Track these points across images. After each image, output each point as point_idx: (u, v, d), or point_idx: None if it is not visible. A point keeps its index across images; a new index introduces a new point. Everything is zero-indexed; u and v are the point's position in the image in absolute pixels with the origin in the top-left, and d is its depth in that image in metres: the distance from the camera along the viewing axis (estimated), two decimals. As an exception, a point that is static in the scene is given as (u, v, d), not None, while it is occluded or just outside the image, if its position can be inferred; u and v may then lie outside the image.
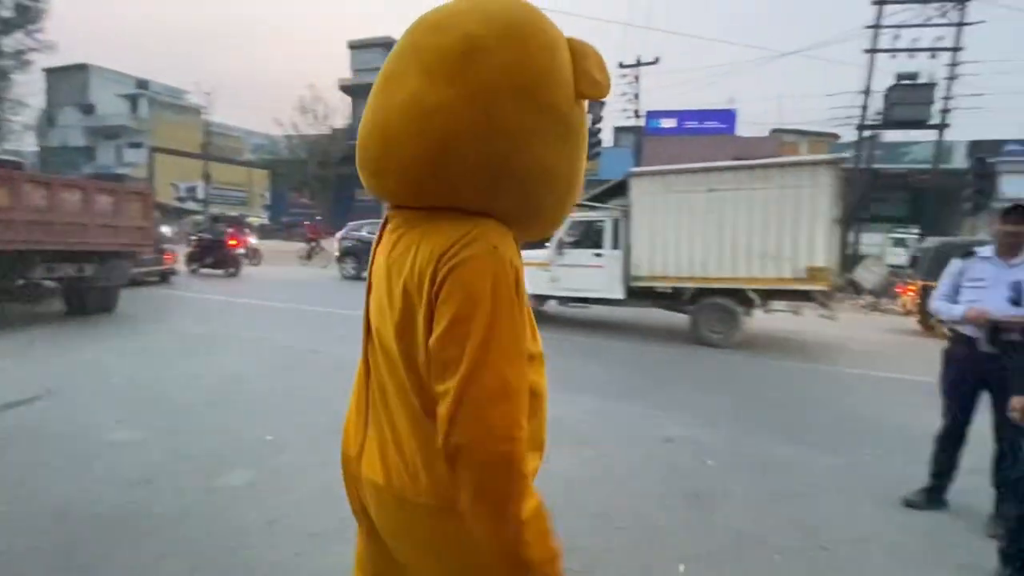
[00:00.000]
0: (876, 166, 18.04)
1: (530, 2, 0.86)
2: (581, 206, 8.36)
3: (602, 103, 16.06)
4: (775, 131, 24.46)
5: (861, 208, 17.21)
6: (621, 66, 20.39)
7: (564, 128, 0.86)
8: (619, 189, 8.19)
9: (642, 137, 21.31)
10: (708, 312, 7.39)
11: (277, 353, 5.82)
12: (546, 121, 0.83)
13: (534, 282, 7.93)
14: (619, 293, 7.95)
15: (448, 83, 0.78)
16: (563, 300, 8.69)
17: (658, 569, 2.33)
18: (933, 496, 3.03)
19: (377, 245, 0.95)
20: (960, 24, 15.61)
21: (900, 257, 17.33)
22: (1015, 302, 2.69)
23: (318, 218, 20.54)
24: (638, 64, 20.06)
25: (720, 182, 7.30)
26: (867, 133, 17.36)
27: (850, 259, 16.04)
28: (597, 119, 16.01)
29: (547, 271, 8.16)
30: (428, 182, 0.82)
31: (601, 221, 8.06)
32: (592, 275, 7.99)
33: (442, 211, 0.84)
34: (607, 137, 25.91)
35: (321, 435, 3.52)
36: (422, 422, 0.85)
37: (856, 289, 13.88)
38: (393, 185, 0.87)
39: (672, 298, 7.84)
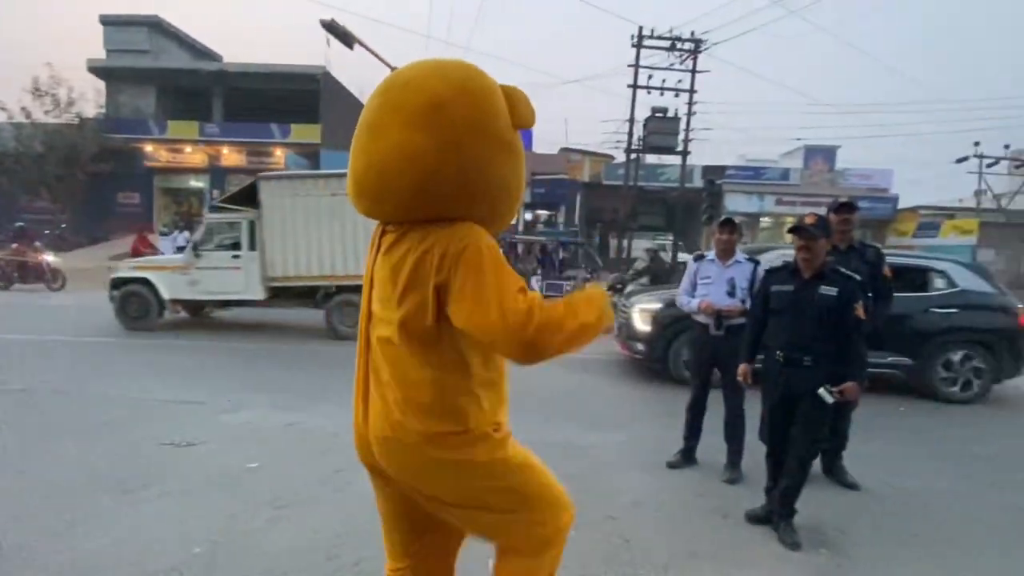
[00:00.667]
0: (641, 184, 21.37)
1: (471, 63, 1.19)
2: (217, 208, 8.39)
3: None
4: (563, 149, 27.31)
5: (631, 219, 20.23)
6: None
7: (510, 150, 1.18)
8: (251, 192, 8.08)
9: (447, 148, 21.86)
10: (341, 308, 7.88)
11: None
12: (497, 147, 1.15)
13: (172, 286, 7.87)
14: (260, 294, 8.01)
15: (425, 132, 1.09)
16: (217, 304, 8.61)
17: (470, 569, 2.41)
18: (687, 456, 3.70)
19: (377, 252, 1.23)
20: (693, 71, 19.41)
21: (662, 260, 20.76)
22: (730, 294, 3.46)
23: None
24: (440, 77, 20.55)
25: (340, 187, 7.59)
26: (632, 156, 20.47)
27: (625, 262, 18.64)
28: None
29: (186, 274, 7.95)
30: (419, 204, 1.13)
31: (237, 223, 8.03)
32: (231, 277, 7.94)
33: (433, 221, 1.14)
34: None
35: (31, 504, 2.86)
36: (427, 373, 1.16)
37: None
38: (391, 209, 1.18)
39: (309, 296, 8.17)
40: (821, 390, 2.64)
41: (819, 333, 2.70)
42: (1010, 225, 22.41)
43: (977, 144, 23.24)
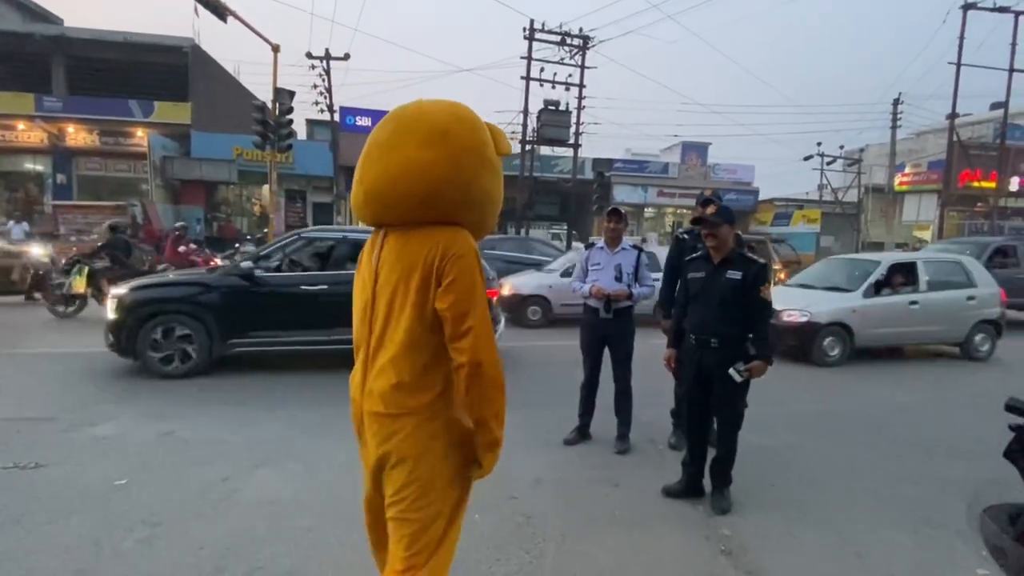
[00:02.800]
0: (536, 175, 21.94)
1: (464, 103, 1.49)
2: None
3: (292, 93, 15.06)
4: (460, 138, 27.16)
5: (527, 208, 20.72)
6: (309, 56, 19.47)
7: (495, 171, 1.48)
8: None
9: (338, 133, 20.87)
10: None
11: None
12: (487, 168, 1.44)
13: None
14: None
15: (435, 151, 1.35)
16: None
17: (373, 564, 2.39)
18: (582, 432, 3.92)
19: (380, 250, 1.46)
20: (582, 66, 20.20)
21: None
22: (618, 279, 3.69)
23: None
24: (327, 57, 19.49)
25: None
26: (527, 147, 20.92)
27: (523, 251, 19.03)
28: (287, 110, 14.91)
29: None
30: (426, 209, 1.39)
31: None
32: None
33: (431, 224, 1.41)
34: (300, 130, 24.48)
35: None
36: (421, 356, 1.39)
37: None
38: (399, 213, 1.41)
39: None
40: (731, 370, 2.79)
41: (724, 316, 2.85)
42: (844, 215, 26.13)
43: (819, 144, 26.69)
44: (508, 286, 8.98)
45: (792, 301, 7.04)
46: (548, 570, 2.40)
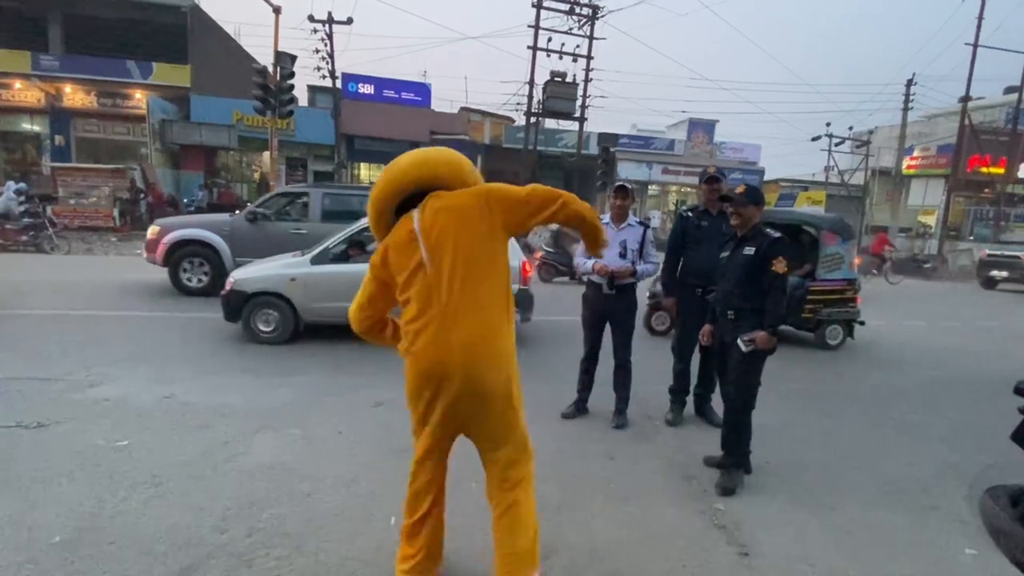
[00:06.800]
0: (540, 148, 21.65)
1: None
2: None
3: (293, 58, 14.71)
4: (463, 109, 26.76)
5: (530, 183, 20.51)
6: (311, 20, 19.01)
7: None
8: None
9: (340, 100, 20.52)
10: None
11: None
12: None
13: None
14: None
15: (448, 156, 1.98)
16: None
17: (370, 528, 2.43)
18: (580, 407, 3.94)
19: (421, 215, 1.88)
20: (591, 37, 19.74)
21: (555, 225, 21.32)
22: (622, 256, 3.66)
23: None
24: (330, 21, 19.03)
25: None
26: (532, 120, 20.59)
27: (525, 226, 18.91)
28: (288, 75, 14.59)
29: None
30: (442, 176, 1.93)
31: None
32: None
33: (445, 190, 1.92)
34: (302, 96, 24.05)
35: None
36: (497, 294, 1.88)
37: (530, 250, 16.64)
38: (425, 172, 1.92)
39: None
40: (739, 339, 2.88)
41: (738, 290, 2.95)
42: (850, 197, 25.91)
43: (828, 125, 26.31)
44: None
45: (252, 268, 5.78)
46: (544, 539, 2.43)
